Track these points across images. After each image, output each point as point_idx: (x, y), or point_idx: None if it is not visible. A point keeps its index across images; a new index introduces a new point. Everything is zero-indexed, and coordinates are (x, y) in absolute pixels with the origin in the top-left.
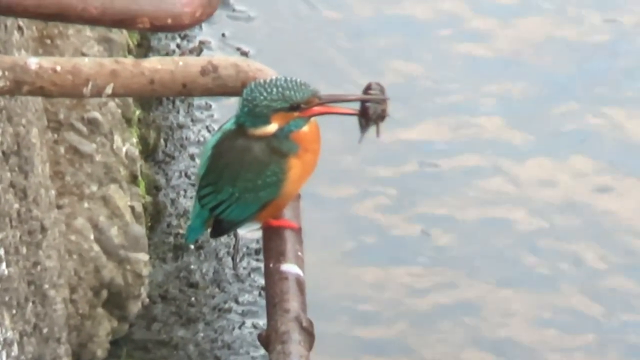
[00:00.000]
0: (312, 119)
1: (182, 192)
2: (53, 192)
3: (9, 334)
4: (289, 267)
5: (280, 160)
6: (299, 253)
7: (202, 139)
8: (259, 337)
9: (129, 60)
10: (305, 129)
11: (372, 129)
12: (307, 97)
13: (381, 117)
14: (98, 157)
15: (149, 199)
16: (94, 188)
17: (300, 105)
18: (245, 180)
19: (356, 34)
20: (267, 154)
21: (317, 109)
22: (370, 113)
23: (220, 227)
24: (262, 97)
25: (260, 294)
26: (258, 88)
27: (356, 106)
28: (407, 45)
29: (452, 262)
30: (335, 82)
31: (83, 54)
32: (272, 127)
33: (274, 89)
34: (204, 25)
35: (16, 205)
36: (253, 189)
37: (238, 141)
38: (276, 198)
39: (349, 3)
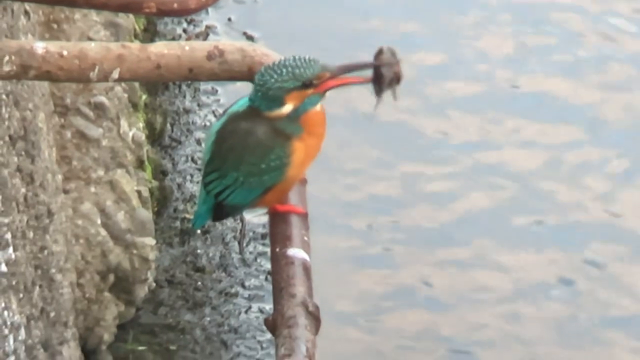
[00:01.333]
0: (319, 105)
1: (188, 177)
2: (60, 177)
3: (16, 317)
4: (296, 252)
5: (284, 143)
6: (305, 238)
7: (208, 123)
8: (266, 321)
9: (136, 45)
10: (318, 107)
11: (387, 95)
12: (317, 73)
13: (396, 79)
14: (105, 142)
15: (155, 183)
16: (101, 173)
17: (312, 81)
18: (249, 164)
19: (364, 17)
20: (271, 137)
21: (330, 82)
22: (384, 77)
23: (222, 212)
24: (273, 80)
25: (266, 279)
26: (268, 71)
27: (369, 74)
28: (419, 27)
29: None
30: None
31: (89, 39)
32: (288, 108)
33: (284, 70)
34: (210, 9)
35: (23, 190)
36: (257, 173)
37: (241, 124)
38: (280, 182)
39: None
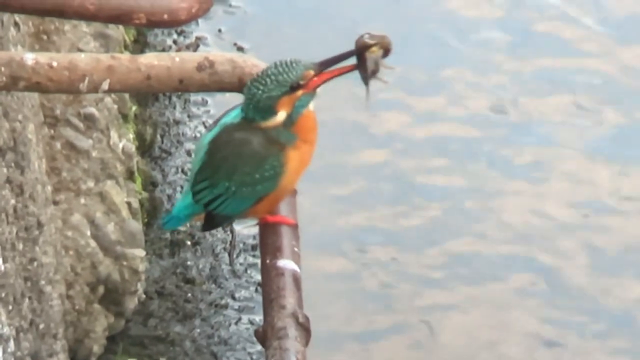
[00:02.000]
0: (309, 110)
1: (178, 188)
2: (49, 188)
3: (5, 329)
4: (286, 263)
5: (278, 152)
6: (296, 249)
7: (198, 134)
8: (256, 333)
9: (126, 56)
10: (312, 108)
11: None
12: (301, 73)
13: (385, 53)
14: (94, 153)
15: (145, 194)
16: (91, 184)
17: (298, 83)
18: (243, 174)
19: (353, 27)
20: (265, 147)
21: (317, 79)
22: (368, 62)
23: (212, 221)
24: (260, 92)
25: (256, 290)
26: (254, 84)
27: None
28: (408, 41)
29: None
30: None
31: (79, 50)
32: (281, 116)
33: (267, 80)
34: (200, 20)
35: (12, 201)
36: (250, 183)
37: (235, 135)
38: (273, 191)
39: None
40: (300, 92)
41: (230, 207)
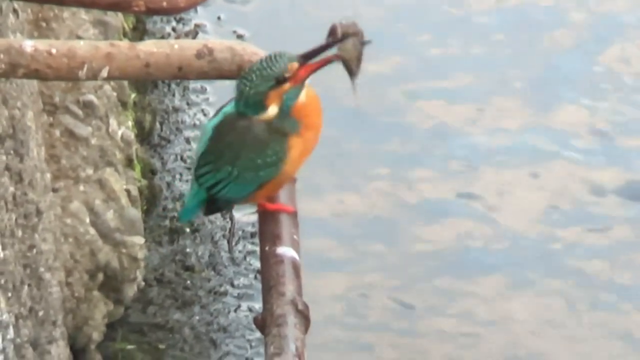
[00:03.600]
0: (311, 92)
1: (177, 176)
2: (48, 176)
3: (5, 316)
4: (285, 250)
5: (281, 139)
6: (295, 236)
7: (197, 122)
8: (255, 320)
9: (125, 44)
10: (303, 99)
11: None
12: (285, 66)
13: (361, 45)
14: (94, 141)
15: (144, 182)
16: (90, 171)
17: (284, 76)
18: (246, 159)
19: (353, 14)
20: (268, 133)
21: (302, 71)
22: (350, 50)
23: (215, 206)
24: (247, 88)
25: (256, 277)
26: (242, 81)
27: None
28: (406, 28)
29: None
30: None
31: (78, 37)
32: (273, 110)
33: (253, 75)
34: (199, 8)
35: (11, 189)
36: (253, 168)
37: (240, 122)
38: (275, 177)
39: None
40: (287, 86)
41: (232, 191)
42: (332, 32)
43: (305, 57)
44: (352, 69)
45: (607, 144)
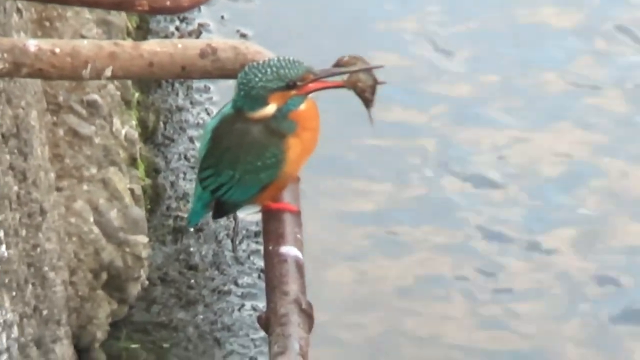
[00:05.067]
0: (310, 97)
1: (181, 175)
2: (52, 175)
3: (9, 315)
4: (288, 250)
5: (279, 141)
6: (298, 235)
7: (201, 121)
8: (259, 319)
9: (128, 43)
10: (303, 107)
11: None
12: (302, 74)
13: (375, 81)
14: (97, 140)
15: (148, 181)
16: (94, 170)
17: (296, 82)
18: (245, 163)
19: (357, 14)
20: (265, 136)
21: (312, 85)
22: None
23: (222, 209)
24: (257, 79)
25: (259, 277)
26: (252, 70)
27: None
28: (411, 30)
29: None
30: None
31: (82, 37)
32: (271, 109)
33: (268, 69)
34: (202, 7)
35: (15, 188)
36: (253, 171)
37: (237, 124)
38: (276, 179)
39: None
40: (294, 92)
41: (236, 194)
42: (339, 64)
43: (323, 73)
44: (367, 99)
45: None
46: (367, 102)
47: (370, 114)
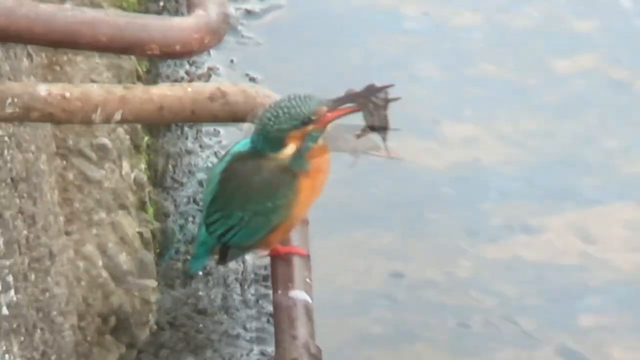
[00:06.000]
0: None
1: (190, 219)
2: (61, 219)
3: None
4: (297, 294)
5: (291, 181)
6: (307, 279)
7: (210, 165)
8: None
9: (138, 87)
10: (320, 142)
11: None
12: (314, 108)
13: (385, 107)
14: (107, 184)
15: (157, 225)
16: (103, 214)
17: (310, 118)
18: (256, 203)
19: (366, 57)
20: (277, 176)
21: (329, 115)
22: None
23: (228, 254)
24: (271, 123)
25: (268, 321)
26: (266, 115)
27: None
28: (415, 69)
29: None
30: None
31: (92, 81)
32: (291, 149)
33: (280, 111)
34: (212, 51)
35: (25, 232)
36: (263, 212)
37: (247, 164)
38: (287, 220)
39: (356, 30)
40: (310, 127)
41: (244, 237)
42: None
43: (335, 103)
44: (382, 121)
45: None
46: (383, 123)
47: (386, 142)
